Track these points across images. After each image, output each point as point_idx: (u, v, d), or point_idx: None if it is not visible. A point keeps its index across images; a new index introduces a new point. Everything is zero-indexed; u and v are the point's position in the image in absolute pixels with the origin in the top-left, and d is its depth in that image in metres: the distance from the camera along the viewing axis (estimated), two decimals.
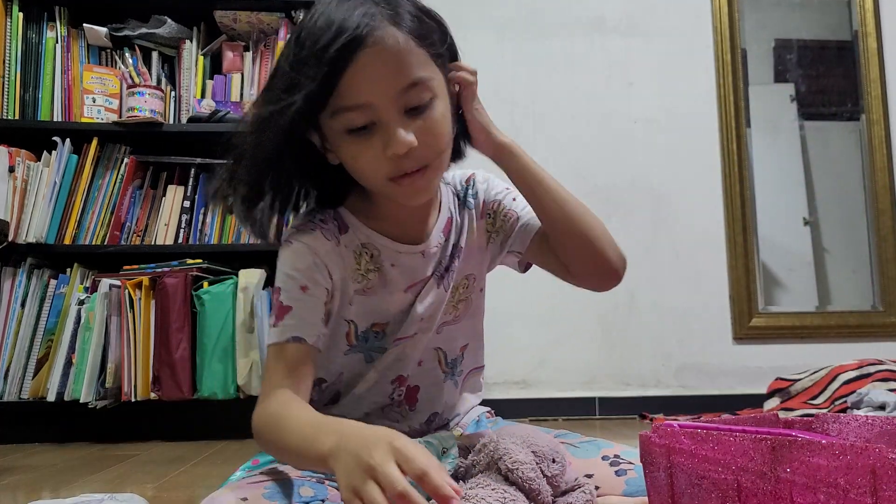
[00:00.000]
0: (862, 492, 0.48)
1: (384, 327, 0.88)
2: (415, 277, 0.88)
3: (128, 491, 1.21)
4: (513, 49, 2.55)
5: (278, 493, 0.72)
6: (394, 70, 0.74)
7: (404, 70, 0.74)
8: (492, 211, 0.95)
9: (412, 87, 0.75)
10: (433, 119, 0.77)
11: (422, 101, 0.76)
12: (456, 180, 0.96)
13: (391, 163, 0.76)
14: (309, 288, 0.81)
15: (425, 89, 0.76)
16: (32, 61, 2.16)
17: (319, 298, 0.82)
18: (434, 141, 0.78)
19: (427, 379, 0.93)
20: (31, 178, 2.04)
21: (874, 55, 2.63)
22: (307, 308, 0.81)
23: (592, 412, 2.39)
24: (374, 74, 0.73)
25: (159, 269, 1.99)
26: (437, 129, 0.78)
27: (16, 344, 2.00)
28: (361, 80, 0.73)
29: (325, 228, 0.85)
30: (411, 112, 0.76)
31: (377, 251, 0.86)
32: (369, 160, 0.77)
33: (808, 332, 2.51)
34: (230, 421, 1.98)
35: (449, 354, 0.95)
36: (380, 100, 0.74)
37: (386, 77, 0.73)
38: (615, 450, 0.85)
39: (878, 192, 2.59)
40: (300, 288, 0.81)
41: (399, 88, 0.74)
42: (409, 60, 0.75)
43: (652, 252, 2.49)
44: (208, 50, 2.25)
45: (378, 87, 0.73)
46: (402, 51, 0.74)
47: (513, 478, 0.73)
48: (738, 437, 0.55)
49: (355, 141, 0.76)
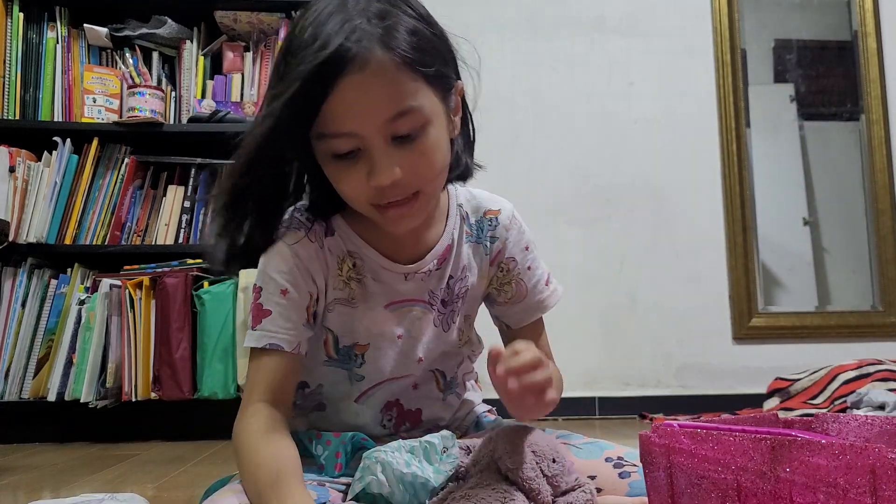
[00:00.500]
0: (861, 492, 0.48)
1: (364, 350, 0.84)
2: (395, 296, 0.84)
3: (128, 491, 1.22)
4: (513, 49, 2.55)
5: None
6: (380, 99, 0.68)
7: (392, 99, 0.69)
8: (505, 268, 0.89)
9: (400, 116, 0.69)
10: (424, 147, 0.72)
11: (412, 129, 0.71)
12: (471, 206, 0.89)
13: (375, 192, 0.72)
14: (289, 292, 0.78)
15: (416, 117, 0.70)
16: (33, 61, 2.16)
17: (301, 303, 0.79)
18: (424, 170, 0.73)
19: (427, 400, 0.91)
20: (31, 178, 2.04)
21: (874, 55, 2.63)
22: (287, 314, 0.78)
23: (592, 412, 2.39)
24: (358, 103, 0.68)
25: (160, 269, 1.99)
26: (427, 157, 0.72)
27: (16, 344, 2.00)
28: (345, 109, 0.68)
29: (310, 230, 0.81)
30: (400, 140, 0.71)
31: (361, 261, 0.83)
32: (353, 186, 0.73)
33: (807, 332, 2.51)
34: (230, 421, 1.97)
35: (447, 373, 0.92)
36: (364, 130, 0.69)
37: (370, 107, 0.68)
38: (618, 451, 0.84)
39: (877, 192, 2.59)
40: (281, 292, 0.78)
41: (385, 119, 0.69)
42: (397, 89, 0.69)
43: (652, 252, 2.49)
44: (209, 50, 2.25)
45: (362, 118, 0.69)
46: (390, 80, 0.68)
47: (513, 478, 0.73)
48: (738, 436, 0.55)
49: (340, 166, 0.72)
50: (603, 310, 2.45)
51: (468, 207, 0.89)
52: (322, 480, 0.79)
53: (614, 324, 2.45)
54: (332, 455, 0.81)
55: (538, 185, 2.47)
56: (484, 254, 0.88)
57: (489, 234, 0.88)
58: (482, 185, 0.96)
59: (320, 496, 0.74)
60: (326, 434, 0.83)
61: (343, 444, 0.81)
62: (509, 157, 2.47)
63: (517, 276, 0.89)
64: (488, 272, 0.89)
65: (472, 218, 0.89)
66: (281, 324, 0.78)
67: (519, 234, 0.90)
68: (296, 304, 0.79)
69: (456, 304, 0.87)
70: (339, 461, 0.80)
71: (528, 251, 0.90)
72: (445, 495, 0.74)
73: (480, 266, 0.88)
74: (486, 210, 0.89)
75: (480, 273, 0.89)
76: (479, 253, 0.88)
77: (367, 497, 0.74)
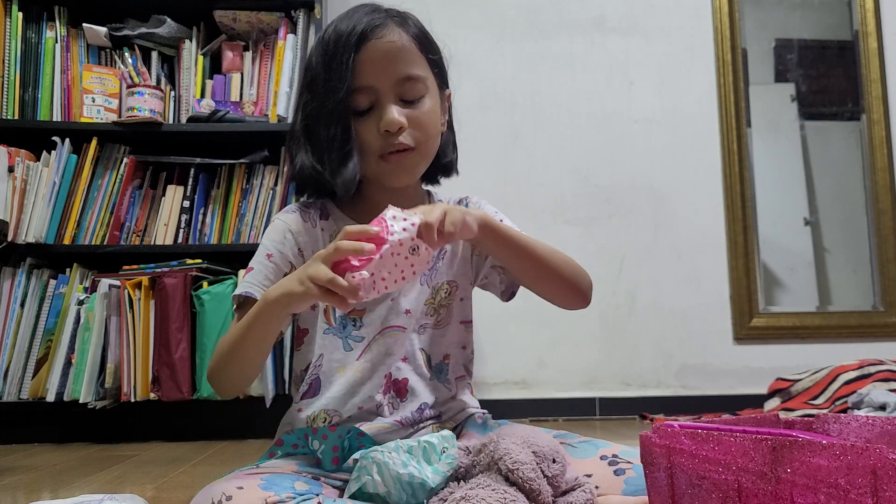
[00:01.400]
0: (862, 492, 0.48)
1: (361, 314, 0.94)
2: None
3: (128, 491, 1.21)
4: (513, 49, 2.54)
5: (273, 484, 0.74)
6: (394, 60, 0.88)
7: (403, 63, 0.89)
8: None
9: (408, 80, 0.89)
10: (423, 111, 0.91)
11: (415, 94, 0.90)
12: (447, 198, 1.05)
13: (383, 139, 0.89)
14: (273, 256, 0.93)
15: (420, 85, 0.90)
16: (32, 61, 2.16)
17: (280, 268, 0.92)
18: (422, 128, 0.91)
19: (414, 374, 0.95)
20: (30, 177, 2.04)
21: (874, 55, 2.63)
22: (266, 272, 0.92)
23: (593, 412, 2.39)
24: (378, 62, 0.87)
25: (159, 269, 1.99)
26: (425, 118, 0.91)
27: (15, 344, 2.00)
28: (367, 65, 0.87)
29: (305, 212, 0.97)
30: (406, 102, 0.90)
31: None
32: (367, 137, 0.89)
33: (808, 332, 2.51)
34: (230, 421, 1.98)
35: (433, 358, 0.97)
36: (380, 84, 0.88)
37: (387, 65, 0.88)
38: (613, 449, 0.85)
39: (878, 191, 2.59)
40: (266, 255, 0.93)
41: (397, 78, 0.88)
42: (408, 57, 0.89)
43: (652, 252, 2.49)
44: (208, 50, 2.25)
45: (379, 73, 0.88)
46: (403, 47, 0.89)
47: (513, 478, 0.73)
48: (739, 437, 0.55)
49: (360, 122, 0.89)
50: (603, 310, 2.45)
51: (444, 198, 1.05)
52: (317, 474, 0.81)
53: (614, 324, 2.45)
54: (328, 449, 0.84)
55: (538, 185, 2.47)
56: None
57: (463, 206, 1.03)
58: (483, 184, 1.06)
59: (313, 488, 0.76)
60: (322, 429, 0.87)
61: (340, 439, 0.84)
62: (509, 157, 2.47)
63: None
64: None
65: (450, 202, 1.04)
66: (259, 280, 0.91)
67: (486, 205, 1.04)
68: (276, 267, 0.92)
69: (437, 264, 0.99)
70: (337, 455, 0.83)
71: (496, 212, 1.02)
72: (445, 495, 0.74)
73: None
74: (459, 198, 1.06)
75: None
76: None
77: (363, 496, 0.75)
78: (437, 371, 0.97)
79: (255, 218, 2.11)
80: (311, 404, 0.92)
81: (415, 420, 0.93)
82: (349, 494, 0.76)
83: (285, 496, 0.71)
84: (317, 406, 0.92)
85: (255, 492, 0.71)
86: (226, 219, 2.12)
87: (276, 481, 0.75)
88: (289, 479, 0.76)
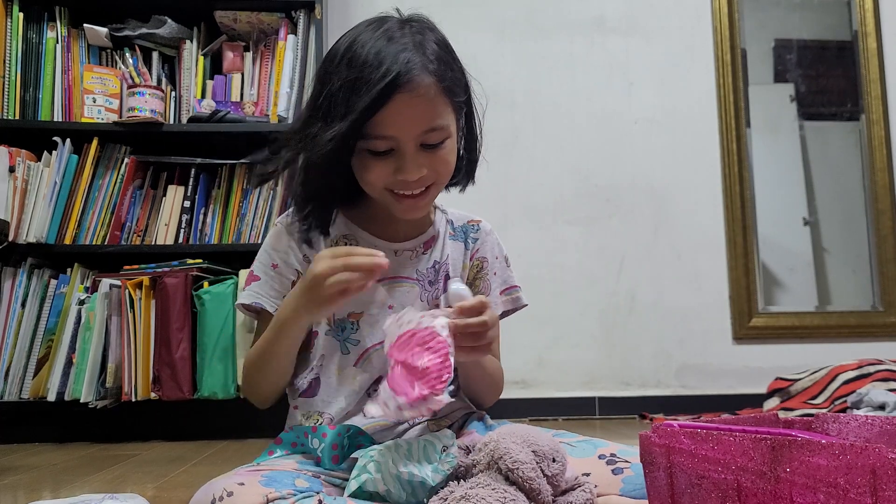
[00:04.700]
0: (862, 492, 0.48)
1: (359, 318, 0.95)
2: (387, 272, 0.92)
3: (128, 491, 1.22)
4: (513, 49, 2.55)
5: (274, 481, 0.74)
6: (421, 114, 0.87)
7: (429, 116, 0.87)
8: (479, 265, 1.05)
9: (432, 130, 0.88)
10: (444, 154, 0.91)
11: (437, 140, 0.89)
12: (456, 216, 1.06)
13: (398, 182, 0.89)
14: (279, 266, 0.96)
15: (443, 132, 0.89)
16: (33, 61, 2.16)
17: (286, 277, 0.95)
18: (440, 171, 0.92)
19: None
20: (31, 178, 2.04)
21: (874, 55, 2.63)
22: (272, 283, 0.95)
23: (592, 412, 2.39)
24: (405, 115, 0.86)
25: (159, 269, 1.99)
26: (445, 162, 0.92)
27: (16, 344, 2.00)
28: (394, 117, 0.85)
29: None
30: (427, 147, 0.89)
31: (355, 241, 0.97)
32: (379, 175, 0.89)
33: (807, 332, 2.51)
34: (230, 421, 1.99)
35: None
36: (404, 136, 0.87)
37: (413, 119, 0.86)
38: (611, 448, 0.86)
39: (878, 192, 2.59)
40: (271, 265, 0.96)
41: (422, 130, 0.87)
42: (434, 110, 0.88)
43: (652, 252, 2.49)
44: (208, 50, 2.25)
45: (405, 126, 0.86)
46: (431, 100, 0.87)
47: (513, 477, 0.73)
48: (738, 436, 0.55)
49: (372, 159, 0.89)
50: (603, 309, 2.45)
51: (453, 217, 1.06)
52: (317, 472, 0.82)
53: (614, 324, 2.45)
54: (328, 447, 0.84)
55: (538, 185, 2.47)
56: (465, 249, 1.05)
57: (472, 235, 1.06)
58: (484, 184, 1.07)
59: (313, 486, 0.77)
60: (322, 427, 0.87)
61: (339, 437, 0.84)
62: (509, 157, 2.47)
63: (484, 276, 1.05)
64: (468, 266, 1.05)
65: (457, 223, 1.06)
66: (266, 290, 0.95)
67: (494, 243, 1.07)
68: (281, 277, 0.95)
69: (439, 285, 1.00)
70: (336, 453, 0.84)
71: (497, 260, 1.06)
72: (446, 494, 0.74)
73: (462, 260, 1.04)
74: (469, 219, 1.07)
75: (462, 265, 1.04)
76: (461, 249, 1.04)
77: (363, 495, 0.75)
78: None
79: (255, 218, 2.11)
80: (307, 403, 0.94)
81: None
82: (349, 493, 0.76)
83: (286, 492, 0.72)
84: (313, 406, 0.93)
85: (256, 488, 0.72)
86: (226, 219, 2.12)
87: (278, 478, 0.75)
88: (290, 477, 0.77)
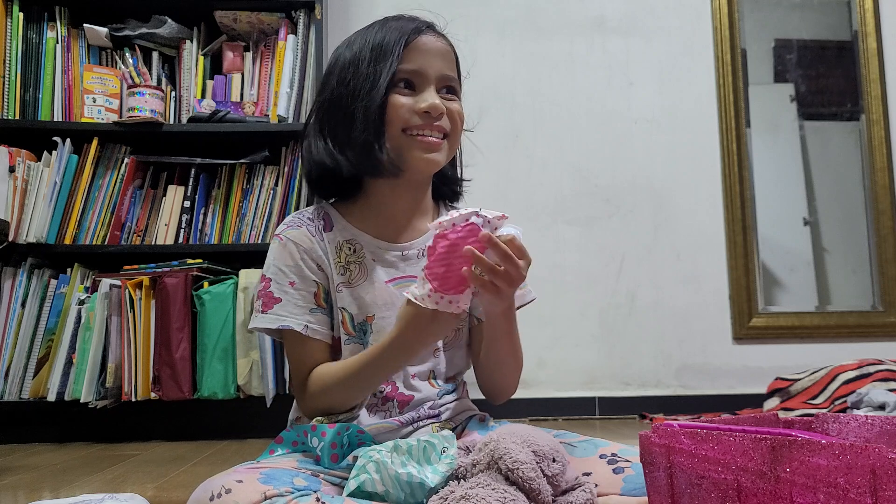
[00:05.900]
0: (862, 492, 0.48)
1: (372, 320, 0.95)
2: (394, 274, 0.97)
3: (128, 491, 1.22)
4: (513, 49, 2.55)
5: (273, 479, 0.75)
6: (441, 57, 0.96)
7: (448, 63, 0.97)
8: None
9: (450, 79, 0.97)
10: (456, 106, 0.97)
11: (453, 92, 0.97)
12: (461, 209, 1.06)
13: (419, 118, 0.93)
14: (296, 283, 0.94)
15: (457, 86, 0.98)
16: (33, 61, 2.16)
17: (308, 291, 0.94)
18: (454, 122, 0.96)
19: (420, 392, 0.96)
20: (31, 178, 2.04)
21: (874, 55, 2.63)
22: (295, 301, 0.93)
23: (592, 412, 2.39)
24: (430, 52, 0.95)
25: (159, 269, 1.99)
26: (457, 112, 0.97)
27: (16, 344, 2.00)
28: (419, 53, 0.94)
29: (310, 225, 0.97)
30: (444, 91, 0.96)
31: (360, 246, 0.97)
32: (399, 111, 0.93)
33: (807, 331, 2.51)
34: (230, 421, 1.99)
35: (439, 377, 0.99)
36: (428, 70, 0.94)
37: (436, 58, 0.95)
38: (612, 448, 0.86)
39: (877, 192, 2.59)
40: (289, 284, 0.94)
41: (442, 72, 0.96)
42: (451, 63, 0.98)
43: (652, 252, 2.49)
44: (209, 50, 2.25)
45: (430, 62, 0.95)
46: (448, 51, 0.98)
47: (513, 477, 0.73)
48: (738, 436, 0.55)
49: (399, 94, 0.93)
50: (603, 309, 2.45)
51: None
52: (317, 471, 0.82)
53: (614, 323, 2.45)
54: (327, 446, 0.84)
55: (538, 184, 2.47)
56: None
57: None
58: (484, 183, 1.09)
59: (311, 485, 0.77)
60: (322, 426, 0.87)
61: (339, 436, 0.85)
62: (509, 157, 2.47)
63: None
64: None
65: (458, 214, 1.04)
66: (290, 310, 0.93)
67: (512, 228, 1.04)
68: (303, 293, 0.94)
69: None
70: (335, 451, 0.84)
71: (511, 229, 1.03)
72: (446, 494, 0.74)
73: None
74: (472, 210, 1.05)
75: None
76: None
77: (362, 495, 0.75)
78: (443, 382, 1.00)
79: (255, 218, 2.11)
80: None
81: (414, 419, 0.94)
82: (347, 493, 0.76)
83: (284, 490, 0.72)
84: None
85: (255, 485, 0.72)
86: (226, 219, 2.12)
87: (276, 476, 0.76)
88: (288, 475, 0.77)
